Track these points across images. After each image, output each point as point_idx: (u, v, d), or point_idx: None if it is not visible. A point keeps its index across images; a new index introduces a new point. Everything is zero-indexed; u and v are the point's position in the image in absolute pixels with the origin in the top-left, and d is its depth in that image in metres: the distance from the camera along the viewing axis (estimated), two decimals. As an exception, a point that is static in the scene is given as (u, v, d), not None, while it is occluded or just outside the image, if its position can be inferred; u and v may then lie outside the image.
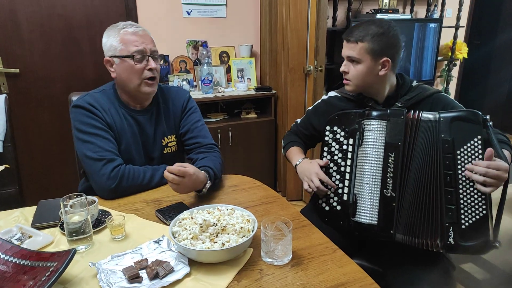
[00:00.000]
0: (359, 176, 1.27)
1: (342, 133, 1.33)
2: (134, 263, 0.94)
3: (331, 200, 1.34)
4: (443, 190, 1.16)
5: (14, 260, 0.92)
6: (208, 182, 1.31)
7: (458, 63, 3.86)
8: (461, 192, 1.15)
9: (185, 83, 2.86)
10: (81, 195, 1.05)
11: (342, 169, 1.32)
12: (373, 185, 1.23)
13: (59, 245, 1.06)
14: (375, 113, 1.27)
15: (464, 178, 1.14)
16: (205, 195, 1.33)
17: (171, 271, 0.91)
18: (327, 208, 1.34)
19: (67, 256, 0.87)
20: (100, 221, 1.15)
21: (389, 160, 1.22)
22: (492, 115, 1.18)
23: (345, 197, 1.30)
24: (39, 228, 1.11)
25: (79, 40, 2.67)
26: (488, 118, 1.16)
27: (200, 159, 1.44)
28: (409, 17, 3.29)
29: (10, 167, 1.75)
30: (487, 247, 1.14)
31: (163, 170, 1.41)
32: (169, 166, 1.18)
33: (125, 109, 1.44)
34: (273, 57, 2.94)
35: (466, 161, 1.14)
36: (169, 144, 1.53)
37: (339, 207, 1.32)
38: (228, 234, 0.99)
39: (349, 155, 1.31)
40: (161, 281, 0.88)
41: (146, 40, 1.37)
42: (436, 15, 3.46)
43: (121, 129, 1.42)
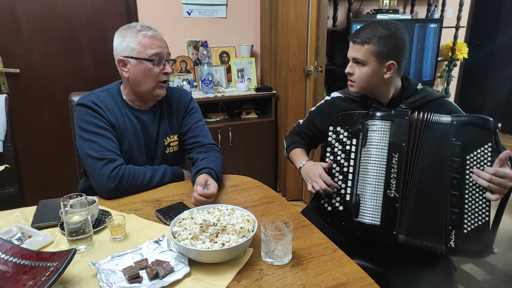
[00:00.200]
0: (362, 176, 1.27)
1: (345, 134, 1.33)
2: (134, 263, 0.94)
3: (333, 201, 1.34)
4: (449, 193, 1.16)
5: (14, 260, 0.92)
6: None
7: (458, 63, 3.85)
8: (466, 196, 1.15)
9: (185, 83, 2.86)
10: (81, 195, 1.05)
11: (345, 169, 1.32)
12: (376, 186, 1.23)
13: (59, 245, 1.06)
14: (379, 113, 1.27)
15: (470, 184, 1.14)
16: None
17: (171, 271, 0.91)
18: (329, 208, 1.34)
19: (67, 256, 0.87)
20: (100, 221, 1.15)
21: (393, 161, 1.22)
22: (492, 116, 1.18)
23: (347, 197, 1.30)
24: (39, 228, 1.11)
25: (79, 39, 2.67)
26: (499, 126, 1.15)
27: (200, 159, 1.44)
28: (410, 17, 3.29)
29: (10, 167, 1.75)
30: (486, 252, 1.14)
31: (163, 170, 1.42)
32: (200, 191, 1.21)
33: (128, 109, 1.45)
34: (274, 57, 2.94)
35: (474, 167, 1.14)
36: (171, 144, 1.53)
37: (341, 208, 1.31)
38: (228, 234, 0.99)
39: (352, 155, 1.31)
40: (161, 281, 0.88)
41: (163, 44, 1.39)
42: (437, 15, 3.45)
43: (124, 129, 1.42)
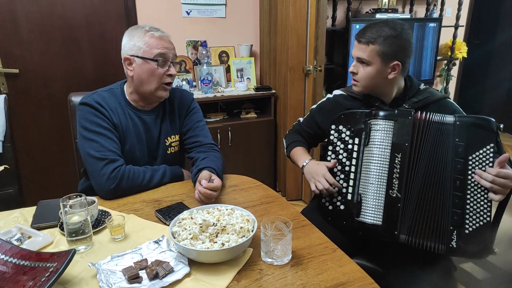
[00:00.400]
0: (364, 176, 1.27)
1: (348, 133, 1.33)
2: (133, 263, 0.94)
3: (334, 200, 1.33)
4: (451, 194, 1.16)
5: (14, 261, 0.91)
6: None
7: (457, 62, 3.85)
8: (468, 197, 1.15)
9: (184, 83, 2.86)
10: (80, 195, 1.05)
11: (346, 168, 1.32)
12: (378, 186, 1.23)
13: (59, 245, 1.05)
14: (382, 113, 1.26)
15: (472, 184, 1.14)
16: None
17: (170, 271, 0.91)
18: (330, 207, 1.34)
19: (66, 257, 0.87)
20: (99, 221, 1.15)
21: (396, 161, 1.22)
22: (491, 115, 1.18)
23: (349, 196, 1.30)
24: (39, 229, 1.11)
25: (78, 39, 2.67)
26: (501, 127, 1.16)
27: (201, 159, 1.44)
28: (409, 16, 3.29)
29: (10, 167, 1.75)
30: (486, 252, 1.14)
31: (163, 170, 1.42)
32: (206, 184, 1.21)
33: (131, 109, 1.45)
34: (273, 57, 2.94)
35: (476, 168, 1.14)
36: (172, 144, 1.53)
37: (342, 207, 1.31)
38: (227, 234, 0.99)
39: (354, 154, 1.30)
40: (161, 281, 0.88)
41: (169, 46, 1.40)
42: (436, 14, 3.45)
43: (126, 129, 1.42)
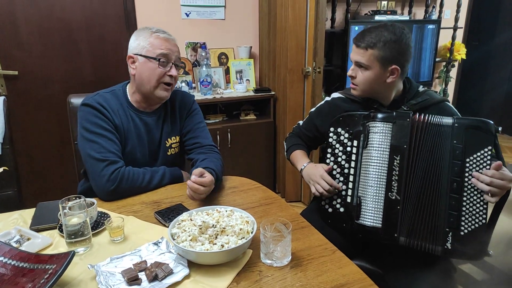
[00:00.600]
0: (363, 178, 1.27)
1: (346, 135, 1.33)
2: (133, 265, 0.94)
3: (334, 202, 1.33)
4: (448, 196, 1.16)
5: (13, 263, 0.91)
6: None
7: (456, 64, 3.86)
8: (464, 199, 1.15)
9: (184, 84, 2.86)
10: (79, 197, 1.05)
11: (345, 171, 1.32)
12: (377, 188, 1.23)
13: (58, 247, 1.05)
14: (380, 115, 1.26)
15: (469, 186, 1.15)
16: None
17: (170, 273, 0.91)
18: (330, 209, 1.34)
19: (66, 259, 0.86)
20: (99, 223, 1.15)
21: (395, 163, 1.22)
22: (490, 116, 1.18)
23: (348, 199, 1.30)
24: (38, 231, 1.11)
25: (77, 41, 2.67)
26: (500, 129, 1.16)
27: (201, 160, 1.44)
28: (408, 18, 3.30)
29: (9, 169, 1.75)
30: (481, 254, 1.15)
31: (162, 172, 1.42)
32: (195, 178, 1.20)
33: (133, 111, 1.45)
34: (272, 59, 2.94)
35: (474, 170, 1.15)
36: (173, 145, 1.54)
37: (342, 209, 1.31)
38: (227, 235, 0.99)
39: (353, 157, 1.30)
40: (160, 283, 0.88)
41: (173, 48, 1.41)
42: (435, 16, 3.46)
43: (127, 130, 1.43)
